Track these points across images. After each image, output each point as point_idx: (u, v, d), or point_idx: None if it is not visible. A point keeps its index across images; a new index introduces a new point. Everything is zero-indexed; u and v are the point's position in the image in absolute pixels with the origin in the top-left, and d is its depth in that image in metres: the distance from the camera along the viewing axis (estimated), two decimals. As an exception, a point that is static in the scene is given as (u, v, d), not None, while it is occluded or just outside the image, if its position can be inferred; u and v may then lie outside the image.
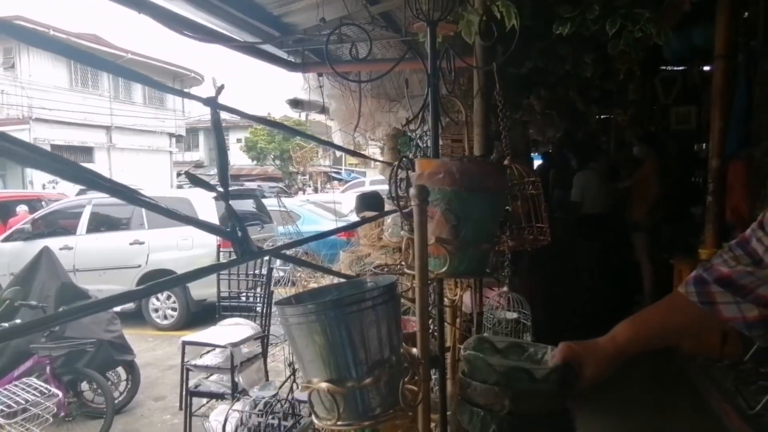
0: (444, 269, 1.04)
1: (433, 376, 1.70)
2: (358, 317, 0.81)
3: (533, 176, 1.49)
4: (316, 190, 22.73)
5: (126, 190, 0.52)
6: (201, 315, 6.54)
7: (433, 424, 1.62)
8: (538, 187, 1.48)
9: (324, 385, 0.81)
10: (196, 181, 0.66)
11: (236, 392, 3.34)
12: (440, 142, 3.39)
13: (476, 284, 2.06)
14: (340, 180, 25.20)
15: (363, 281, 0.97)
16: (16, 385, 3.04)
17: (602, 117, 8.48)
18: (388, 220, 2.30)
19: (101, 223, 7.30)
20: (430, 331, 1.61)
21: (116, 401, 4.23)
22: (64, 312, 0.55)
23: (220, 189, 0.64)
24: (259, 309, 4.52)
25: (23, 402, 2.88)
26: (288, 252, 1.14)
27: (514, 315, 2.53)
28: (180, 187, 15.85)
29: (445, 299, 1.71)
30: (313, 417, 0.86)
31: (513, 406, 0.92)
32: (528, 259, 4.24)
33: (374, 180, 16.49)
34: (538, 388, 0.95)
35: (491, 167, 1.20)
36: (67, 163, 0.45)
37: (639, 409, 3.63)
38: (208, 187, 0.68)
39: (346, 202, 10.21)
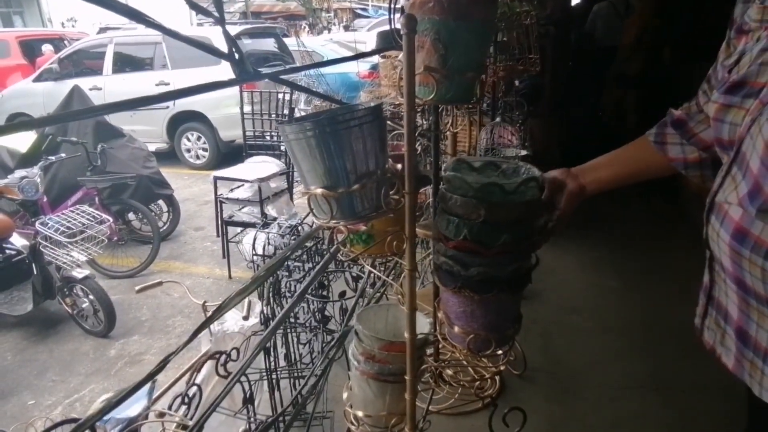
0: (432, 96, 1.13)
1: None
2: (347, 133, 0.93)
3: (526, 6, 1.49)
4: (346, 28, 21.55)
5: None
6: (230, 155, 6.85)
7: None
8: (532, 17, 1.49)
9: (319, 191, 0.97)
10: (193, 6, 0.74)
11: (266, 221, 3.68)
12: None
13: (480, 122, 2.15)
14: (367, 17, 23.78)
15: (356, 106, 1.08)
16: (72, 211, 3.42)
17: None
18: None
19: (125, 63, 7.33)
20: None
21: (161, 230, 4.70)
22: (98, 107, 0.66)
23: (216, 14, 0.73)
24: (283, 148, 4.74)
25: (80, 225, 3.27)
26: (288, 78, 1.22)
27: (523, 152, 2.65)
28: (200, 25, 15.30)
29: (448, 132, 1.83)
30: (313, 218, 1.04)
31: (487, 215, 1.08)
32: (548, 101, 4.22)
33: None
34: (508, 199, 1.10)
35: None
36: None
37: (635, 242, 3.88)
38: (204, 12, 0.76)
39: (371, 41, 9.81)
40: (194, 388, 1.22)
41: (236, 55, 0.73)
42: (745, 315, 0.88)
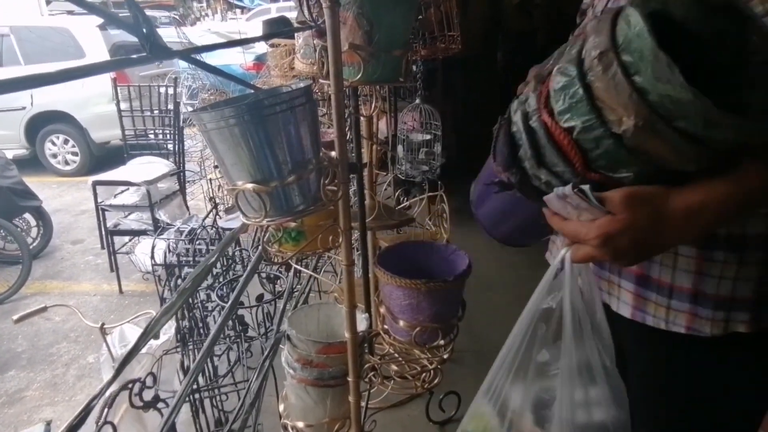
0: (358, 77, 1.05)
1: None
2: (277, 119, 0.82)
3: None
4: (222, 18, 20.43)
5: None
6: (106, 158, 6.21)
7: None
8: (451, -8, 1.46)
9: (249, 186, 0.85)
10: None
11: (159, 227, 3.37)
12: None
13: (390, 108, 2.11)
14: (242, 8, 22.79)
15: (279, 88, 0.97)
16: None
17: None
18: (300, 41, 2.19)
19: (-35, 59, 6.34)
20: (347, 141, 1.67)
21: (30, 246, 4.14)
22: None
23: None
24: (170, 147, 4.37)
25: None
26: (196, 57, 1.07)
27: (428, 136, 2.65)
28: (52, 14, 13.68)
29: (362, 116, 1.75)
30: (242, 217, 0.92)
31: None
32: (441, 86, 4.30)
33: (281, 7, 15.11)
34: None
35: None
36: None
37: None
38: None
39: (252, 31, 9.44)
40: (108, 429, 1.05)
41: (144, 29, 0.60)
42: None
